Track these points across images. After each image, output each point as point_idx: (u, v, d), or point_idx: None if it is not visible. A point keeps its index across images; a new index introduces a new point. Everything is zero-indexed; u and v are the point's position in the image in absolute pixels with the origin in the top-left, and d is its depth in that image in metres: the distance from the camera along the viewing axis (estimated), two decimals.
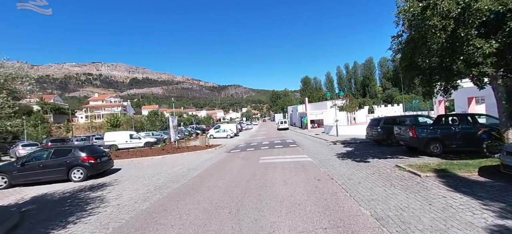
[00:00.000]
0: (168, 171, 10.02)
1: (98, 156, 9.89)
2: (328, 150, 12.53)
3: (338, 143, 15.05)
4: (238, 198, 5.50)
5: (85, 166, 9.19)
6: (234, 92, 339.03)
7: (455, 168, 6.48)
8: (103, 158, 10.10)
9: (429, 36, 5.60)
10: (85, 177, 9.06)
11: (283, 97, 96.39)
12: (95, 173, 9.50)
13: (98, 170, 9.63)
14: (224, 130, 30.89)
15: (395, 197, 4.89)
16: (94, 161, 9.45)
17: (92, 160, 9.39)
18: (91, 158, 9.41)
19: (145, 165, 12.33)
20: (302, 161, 9.78)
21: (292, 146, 15.75)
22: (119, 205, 5.89)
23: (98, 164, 9.64)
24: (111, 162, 10.66)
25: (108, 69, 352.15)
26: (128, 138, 20.73)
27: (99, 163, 9.68)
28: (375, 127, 12.84)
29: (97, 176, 9.68)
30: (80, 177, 9.05)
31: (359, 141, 15.23)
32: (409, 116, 12.93)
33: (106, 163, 10.21)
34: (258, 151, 14.55)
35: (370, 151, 11.14)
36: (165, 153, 16.02)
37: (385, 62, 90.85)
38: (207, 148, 18.08)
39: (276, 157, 11.36)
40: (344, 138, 17.58)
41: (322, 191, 5.62)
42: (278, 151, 13.75)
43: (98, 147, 11.92)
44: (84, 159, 9.26)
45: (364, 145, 13.46)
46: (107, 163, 10.30)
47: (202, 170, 9.63)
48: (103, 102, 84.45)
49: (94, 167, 9.42)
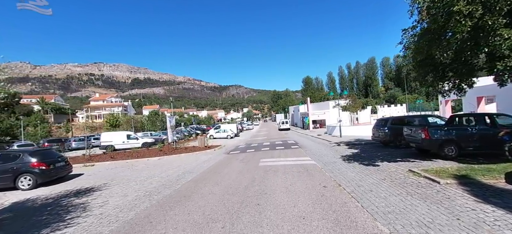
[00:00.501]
0: (162, 174, 9.40)
1: (52, 161, 9.02)
2: (332, 152, 11.86)
3: (342, 144, 14.37)
4: (234, 208, 4.85)
5: (34, 172, 8.34)
6: (235, 92, 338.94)
7: (477, 173, 5.80)
8: (58, 164, 9.25)
9: (452, 24, 4.93)
10: (34, 185, 8.24)
11: (285, 97, 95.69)
12: (47, 180, 8.64)
13: (51, 177, 8.76)
14: (224, 130, 30.28)
15: (415, 209, 4.23)
16: (46, 167, 8.56)
17: (43, 166, 8.52)
18: (42, 164, 8.54)
19: (140, 167, 11.73)
20: (305, 164, 9.12)
21: (294, 147, 15.09)
22: (102, 215, 5.27)
23: (51, 170, 8.77)
24: (68, 168, 9.84)
25: (110, 70, 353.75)
26: (126, 138, 20.16)
27: (52, 169, 8.81)
28: (382, 128, 12.15)
29: (51, 183, 8.79)
30: (28, 184, 8.21)
31: (364, 142, 14.53)
32: (418, 116, 12.23)
33: (62, 169, 9.37)
34: (258, 152, 13.91)
35: (377, 153, 10.45)
36: (162, 154, 15.42)
37: (387, 62, 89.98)
38: (206, 149, 17.46)
39: (277, 159, 10.71)
40: (348, 139, 16.89)
41: (330, 200, 4.96)
42: (279, 152, 13.10)
43: (54, 151, 10.84)
44: (33, 164, 8.42)
45: (370, 146, 12.77)
46: (63, 169, 9.47)
47: (198, 173, 9.00)
48: (104, 102, 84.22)
49: (46, 173, 8.57)
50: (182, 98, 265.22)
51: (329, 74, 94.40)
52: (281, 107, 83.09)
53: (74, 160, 15.02)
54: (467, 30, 4.85)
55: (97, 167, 12.86)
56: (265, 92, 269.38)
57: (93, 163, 13.72)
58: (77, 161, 14.35)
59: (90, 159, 14.87)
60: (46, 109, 69.53)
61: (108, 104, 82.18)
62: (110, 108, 77.75)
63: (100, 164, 13.66)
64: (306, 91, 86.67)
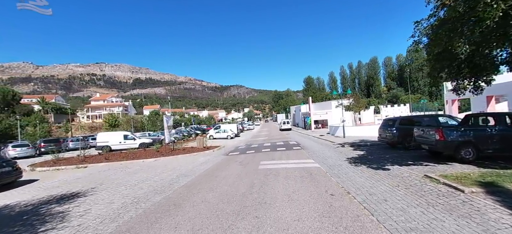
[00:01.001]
0: (155, 177, 8.79)
1: None
2: (337, 154, 11.19)
3: (347, 145, 13.69)
4: (229, 222, 4.21)
5: None
6: (237, 92, 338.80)
7: (505, 180, 5.12)
8: (3, 169, 8.60)
9: (481, 8, 4.26)
10: None
11: (286, 97, 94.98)
12: None
13: None
14: (224, 130, 29.67)
15: (442, 225, 3.57)
16: None
17: None
18: None
19: (134, 169, 11.12)
20: (308, 167, 8.47)
21: (296, 148, 14.43)
22: (80, 226, 4.65)
23: None
24: (16, 173, 9.11)
25: (111, 70, 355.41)
26: (122, 138, 19.59)
27: None
28: (389, 128, 11.46)
29: None
30: None
31: (370, 143, 13.84)
32: (428, 116, 11.53)
33: (7, 175, 8.68)
34: (258, 153, 13.27)
35: (386, 155, 9.77)
36: (159, 155, 14.83)
37: (389, 62, 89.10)
38: (205, 149, 16.85)
39: (278, 162, 10.06)
40: (352, 140, 16.20)
41: (339, 212, 4.31)
42: (281, 154, 12.45)
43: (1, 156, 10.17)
44: None
45: (376, 147, 12.09)
46: (9, 175, 8.76)
47: (193, 177, 8.38)
48: (104, 102, 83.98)
49: None
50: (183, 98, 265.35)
51: (331, 74, 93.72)
52: (282, 108, 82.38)
53: (67, 161, 14.50)
54: (499, 15, 4.18)
55: (90, 169, 12.29)
56: (266, 93, 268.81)
57: (86, 164, 13.15)
58: (70, 162, 13.81)
59: (84, 160, 14.31)
60: (46, 109, 69.34)
61: (109, 104, 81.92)
62: (111, 108, 77.46)
63: (93, 165, 13.09)
64: (307, 91, 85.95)
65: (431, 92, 74.38)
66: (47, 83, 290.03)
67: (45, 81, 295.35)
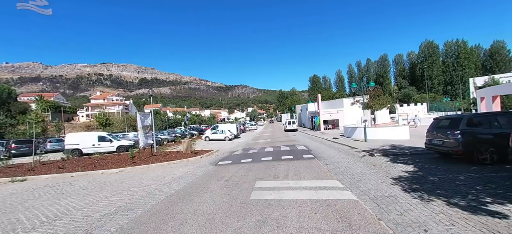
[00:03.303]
0: (85, 209, 5.37)
1: None
2: (370, 169, 7.53)
3: (377, 154, 9.98)
4: None
5: None
6: (241, 92, 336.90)
7: None
8: None
9: None
10: None
11: (291, 96, 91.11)
12: None
13: None
14: (222, 130, 26.22)
15: None
16: None
17: None
18: None
19: (75, 188, 7.74)
20: (337, 200, 4.85)
21: (307, 156, 10.82)
22: None
23: None
24: None
25: (118, 70, 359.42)
26: (96, 140, 16.38)
27: None
28: (449, 131, 7.73)
29: None
30: None
31: (409, 150, 10.10)
32: (507, 113, 7.72)
33: None
34: (256, 164, 9.72)
35: (457, 175, 6.06)
36: (130, 164, 11.49)
37: (400, 59, 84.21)
38: (191, 155, 13.43)
39: (284, 184, 6.48)
40: (378, 145, 12.49)
41: None
42: (287, 166, 8.84)
43: None
44: None
45: (426, 159, 8.36)
46: None
47: (135, 215, 4.88)
48: (104, 101, 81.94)
49: None
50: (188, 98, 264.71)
51: (338, 73, 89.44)
52: (287, 107, 78.52)
53: (8, 169, 11.21)
54: None
55: (26, 183, 8.99)
56: (271, 92, 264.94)
57: (26, 177, 9.84)
58: (6, 174, 10.42)
59: (33, 169, 11.07)
60: (44, 108, 67.49)
61: (109, 103, 79.80)
62: (111, 107, 75.24)
63: (37, 177, 9.80)
64: (313, 90, 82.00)
65: (446, 91, 69.37)
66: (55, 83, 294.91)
67: (53, 81, 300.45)
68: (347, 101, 32.32)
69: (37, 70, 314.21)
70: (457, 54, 65.80)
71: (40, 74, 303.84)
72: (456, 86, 65.84)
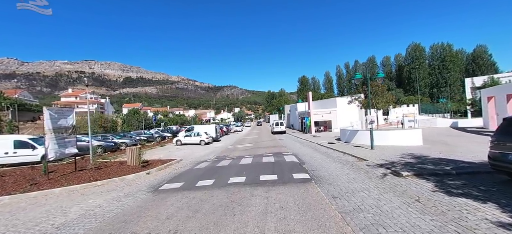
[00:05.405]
0: None
1: None
2: (415, 210, 3.97)
3: (402, 170, 6.49)
4: None
5: None
6: (230, 93, 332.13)
7: None
8: None
9: None
10: None
11: (279, 97, 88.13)
12: None
13: None
14: (197, 133, 22.14)
15: None
16: None
17: None
18: None
19: None
20: None
21: (299, 176, 7.17)
22: None
23: None
24: None
25: (101, 68, 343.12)
26: (11, 147, 11.92)
27: None
28: None
29: None
30: None
31: (450, 166, 6.73)
32: None
33: None
34: (214, 193, 5.93)
35: None
36: (28, 185, 7.34)
37: (387, 61, 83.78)
38: (138, 169, 9.43)
39: None
40: (392, 153, 9.12)
41: None
42: (264, 206, 5.11)
43: None
44: None
45: (503, 185, 4.96)
46: None
47: None
48: (76, 99, 74.78)
49: None
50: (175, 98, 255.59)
51: (327, 74, 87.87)
52: (276, 108, 75.32)
53: None
54: None
55: None
56: (260, 94, 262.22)
57: None
58: None
59: None
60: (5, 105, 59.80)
61: (82, 101, 72.74)
62: (84, 106, 68.39)
63: None
64: (302, 91, 79.43)
65: (432, 93, 69.21)
66: (31, 80, 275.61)
67: (29, 78, 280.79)
68: (341, 101, 29.34)
69: (12, 66, 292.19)
70: (443, 57, 65.84)
71: (15, 71, 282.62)
72: (442, 88, 65.75)
